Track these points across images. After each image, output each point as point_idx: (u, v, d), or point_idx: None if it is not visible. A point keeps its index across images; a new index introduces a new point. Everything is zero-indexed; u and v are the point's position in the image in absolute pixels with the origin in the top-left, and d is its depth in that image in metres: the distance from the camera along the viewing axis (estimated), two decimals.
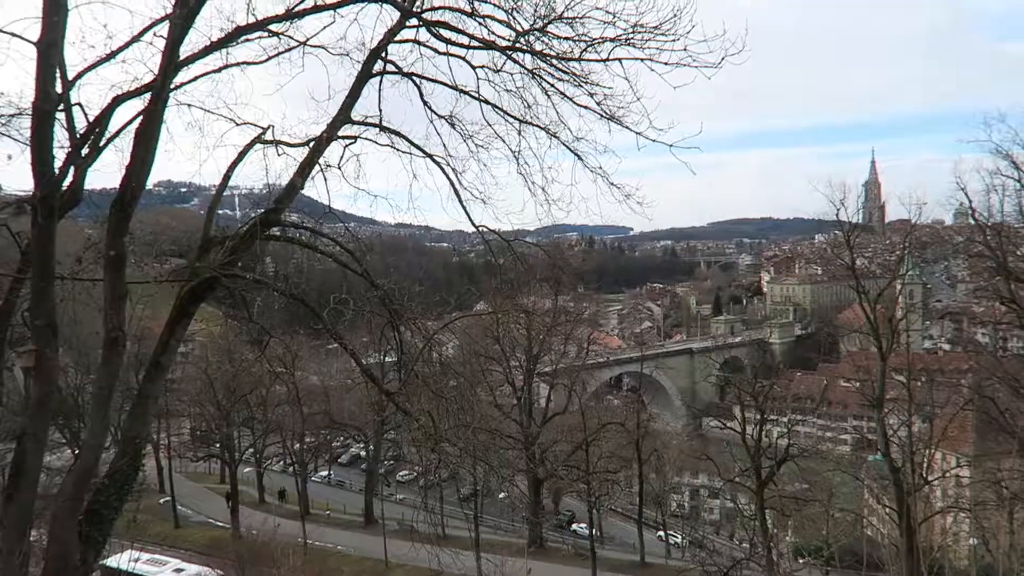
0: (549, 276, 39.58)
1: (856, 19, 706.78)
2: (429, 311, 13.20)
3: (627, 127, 9.58)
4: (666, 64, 8.86)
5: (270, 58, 10.21)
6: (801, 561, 54.15)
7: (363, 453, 77.53)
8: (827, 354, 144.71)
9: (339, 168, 10.56)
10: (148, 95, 9.04)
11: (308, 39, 10.16)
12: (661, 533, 62.94)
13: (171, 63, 8.72)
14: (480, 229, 11.61)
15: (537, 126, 10.33)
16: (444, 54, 9.96)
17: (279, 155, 10.44)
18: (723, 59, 8.54)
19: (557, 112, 10.19)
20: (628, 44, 8.91)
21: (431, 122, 10.70)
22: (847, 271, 40.09)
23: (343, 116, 10.14)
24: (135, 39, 9.31)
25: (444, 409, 11.62)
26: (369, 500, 61.13)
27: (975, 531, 43.06)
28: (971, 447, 55.49)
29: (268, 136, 10.52)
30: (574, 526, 67.38)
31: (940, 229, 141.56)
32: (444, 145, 10.75)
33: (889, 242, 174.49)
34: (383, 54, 10.07)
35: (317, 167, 10.25)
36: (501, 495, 65.96)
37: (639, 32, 8.76)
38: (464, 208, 11.12)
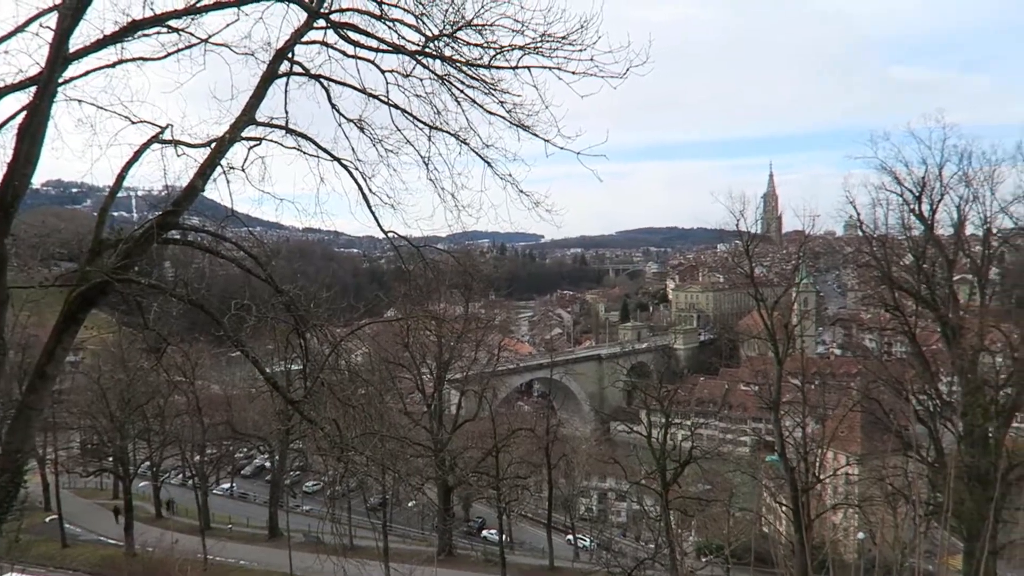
0: (460, 283, 39.55)
1: (761, 40, 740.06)
2: (336, 318, 12.95)
3: (536, 134, 9.71)
4: (573, 73, 9.04)
5: (169, 55, 9.82)
6: (703, 560, 55.86)
7: (268, 464, 75.32)
8: (728, 359, 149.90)
9: (243, 170, 10.23)
10: (33, 88, 8.55)
11: (210, 36, 9.83)
12: (570, 537, 63.70)
13: (59, 56, 8.28)
14: (389, 235, 11.48)
15: (447, 132, 10.34)
16: (352, 57, 9.83)
17: (179, 155, 10.03)
18: (628, 70, 8.79)
19: (467, 119, 10.23)
20: (537, 52, 9.05)
21: (339, 125, 10.54)
22: (746, 279, 41.73)
23: (247, 117, 9.85)
24: (19, 29, 8.79)
25: (351, 417, 11.42)
26: (274, 512, 59.38)
27: (862, 526, 45.33)
28: (859, 446, 58.65)
29: (167, 135, 10.09)
30: (484, 532, 67.39)
31: (832, 240, 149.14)
32: (353, 149, 10.61)
33: (786, 252, 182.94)
34: (289, 55, 9.84)
35: (219, 169, 9.91)
36: (411, 503, 65.34)
37: (547, 41, 8.90)
38: (373, 213, 10.99)
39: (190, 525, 57.11)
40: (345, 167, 10.67)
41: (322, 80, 10.10)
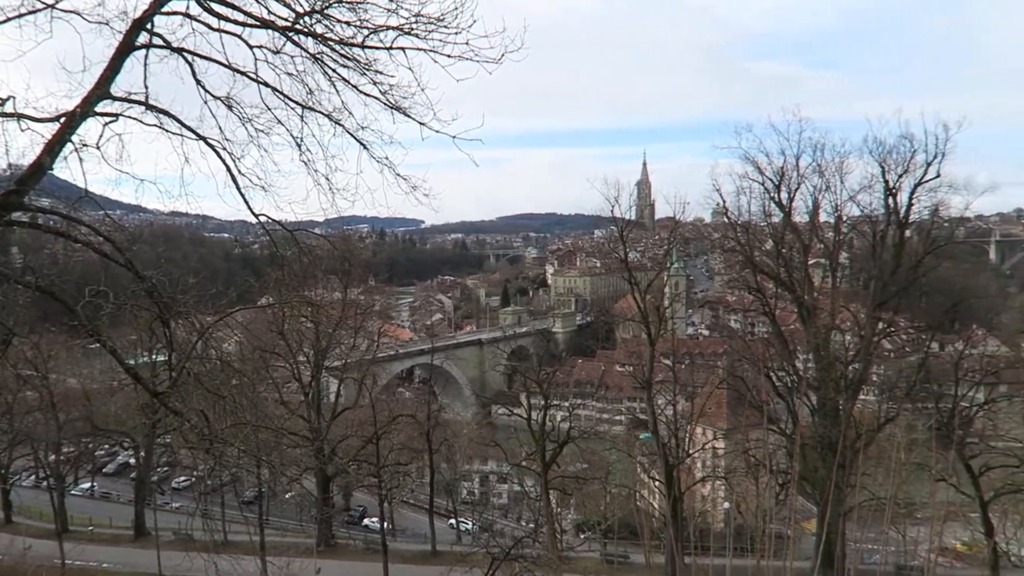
0: (338, 268, 38.69)
1: (635, 33, 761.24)
2: (205, 305, 12.31)
3: (411, 117, 9.56)
4: (449, 56, 8.96)
5: (9, 19, 8.98)
6: (582, 536, 57.61)
7: (132, 460, 71.26)
8: (605, 341, 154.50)
9: (98, 148, 9.51)
10: None
11: (57, 1, 9.06)
12: (452, 521, 64.05)
13: None
14: (261, 218, 10.99)
15: (320, 112, 10.00)
16: (218, 31, 9.31)
17: (23, 130, 9.20)
18: (503, 55, 8.80)
19: (341, 99, 9.93)
20: (411, 34, 8.89)
21: (206, 103, 9.96)
22: (621, 264, 43.09)
23: (101, 91, 9.15)
24: None
25: (222, 408, 10.94)
26: (140, 511, 56.33)
27: (728, 496, 47.98)
28: (725, 421, 62.01)
29: (8, 108, 9.24)
30: (366, 521, 66.66)
31: (701, 226, 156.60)
32: (220, 128, 10.05)
33: (658, 238, 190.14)
34: (148, 25, 9.21)
35: (70, 146, 9.18)
36: (288, 495, 63.63)
37: (422, 22, 8.78)
38: (242, 195, 10.49)
39: (45, 529, 53.29)
40: (212, 147, 10.11)
41: (185, 54, 9.52)
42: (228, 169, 10.26)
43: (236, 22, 9.20)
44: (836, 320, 40.09)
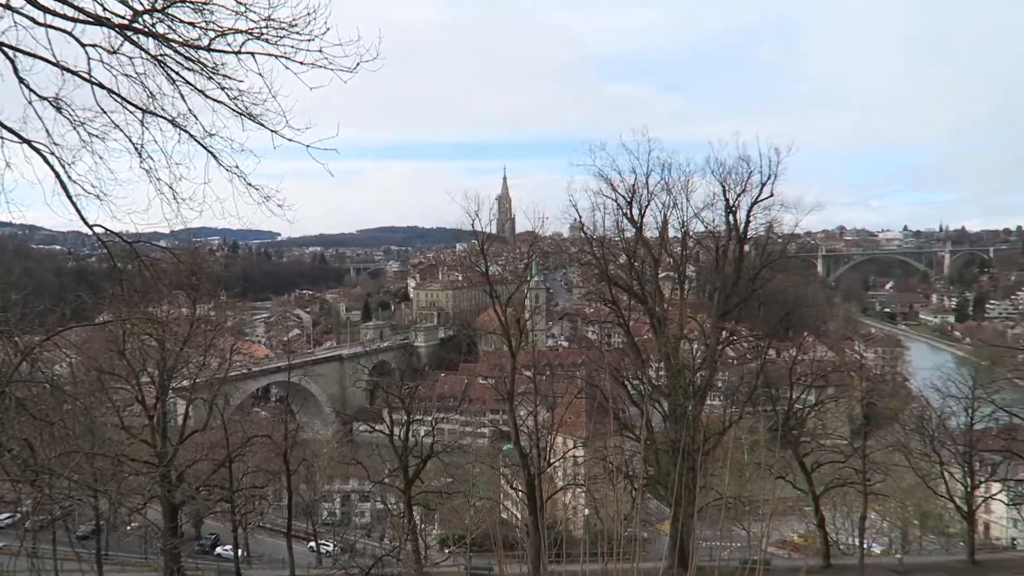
0: (185, 283, 36.61)
1: (495, 49, 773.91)
2: (31, 323, 11.23)
3: (263, 124, 9.15)
4: (302, 63, 8.67)
5: None
6: (446, 551, 57.31)
7: None
8: (467, 354, 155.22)
9: None
10: None
11: None
12: (312, 544, 61.87)
13: None
14: (96, 229, 10.17)
15: (163, 117, 9.38)
16: (44, 25, 8.56)
17: None
18: (358, 64, 8.63)
19: (187, 104, 9.36)
20: (261, 39, 8.54)
21: (30, 103, 9.10)
22: (482, 277, 43.42)
23: None
24: None
25: (50, 436, 10.00)
26: None
27: (588, 503, 49.27)
28: (585, 430, 63.73)
29: None
30: (219, 549, 63.15)
31: (559, 240, 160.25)
32: (47, 131, 9.21)
33: (519, 251, 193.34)
34: None
35: None
36: (130, 527, 59.32)
37: (272, 27, 8.45)
38: (74, 204, 9.65)
39: None
40: (37, 151, 9.26)
41: (5, 49, 8.68)
42: (57, 176, 9.43)
43: (66, 17, 8.47)
44: (684, 330, 42.22)
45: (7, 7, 8.41)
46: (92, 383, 33.54)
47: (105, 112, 9.24)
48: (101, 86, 9.08)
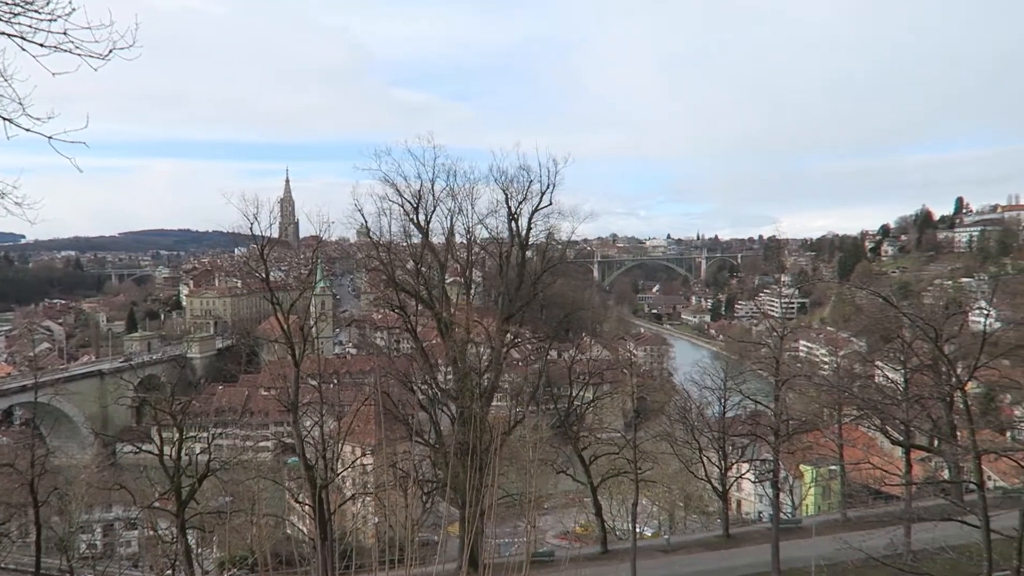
0: None
1: (275, 48, 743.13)
2: None
3: None
4: (42, 46, 7.67)
5: None
6: (226, 573, 53.87)
7: None
8: (248, 365, 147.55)
9: None
10: None
11: None
12: None
13: None
14: None
15: None
16: None
17: None
18: (111, 51, 7.77)
19: None
20: None
21: None
22: (263, 283, 41.43)
23: None
24: None
25: None
26: None
27: (379, 511, 48.69)
28: (374, 437, 62.94)
29: None
30: None
31: (346, 245, 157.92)
32: None
33: (303, 256, 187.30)
34: None
35: None
36: None
37: (4, 2, 7.41)
38: None
39: None
40: None
41: None
42: None
43: None
44: (471, 334, 43.10)
45: None
46: None
47: None
48: None
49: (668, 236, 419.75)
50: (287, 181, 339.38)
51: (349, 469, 51.20)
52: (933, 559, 33.96)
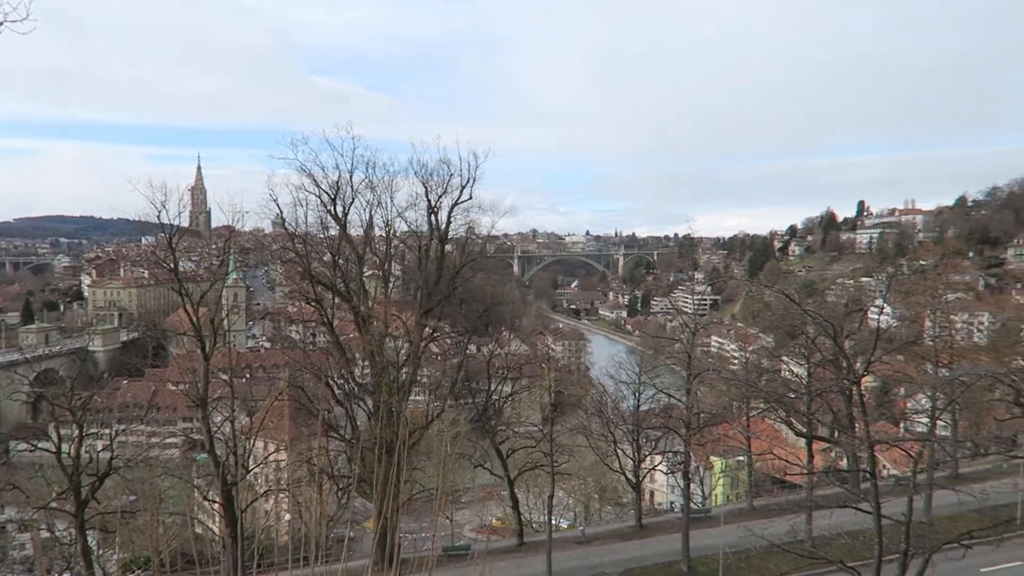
0: None
1: (186, 24, 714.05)
2: None
3: None
4: None
5: None
6: None
7: None
8: (155, 359, 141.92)
9: None
10: None
11: None
12: None
13: None
14: None
15: None
16: None
17: None
18: (2, 24, 7.30)
19: None
20: None
21: None
22: (171, 274, 39.93)
23: None
24: None
25: None
26: None
27: (292, 507, 47.73)
28: (288, 433, 61.67)
29: None
30: None
31: (261, 236, 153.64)
32: None
33: (215, 247, 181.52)
34: None
35: None
36: None
37: None
38: None
39: None
40: None
41: None
42: None
43: None
44: (389, 328, 42.71)
45: None
46: None
47: None
48: None
49: (587, 233, 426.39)
50: (199, 168, 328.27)
51: (262, 465, 50.00)
52: (831, 544, 35.74)
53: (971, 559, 29.09)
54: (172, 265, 38.52)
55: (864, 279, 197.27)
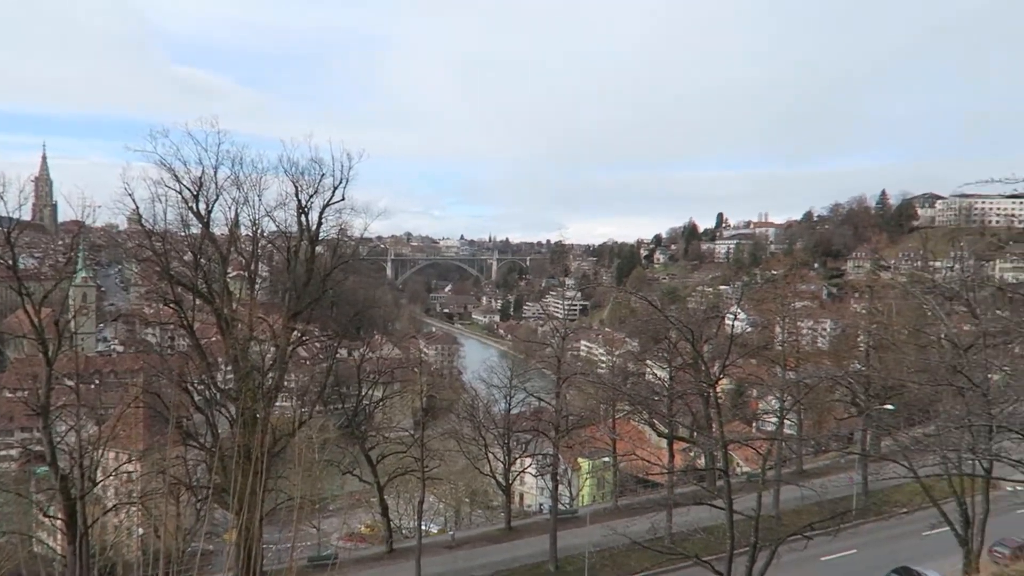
0: None
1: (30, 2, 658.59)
2: None
3: None
4: None
5: None
6: None
7: None
8: None
9: None
10: None
11: None
12: None
13: None
14: None
15: None
16: None
17: None
18: None
19: None
20: None
21: None
22: (9, 271, 36.72)
23: None
24: None
25: None
26: None
27: (145, 521, 45.06)
28: (141, 442, 58.07)
29: None
30: None
31: (114, 233, 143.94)
32: None
33: (62, 243, 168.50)
34: None
35: None
36: None
37: None
38: None
39: None
40: None
41: None
42: None
43: None
44: (254, 331, 41.14)
45: None
46: None
47: None
48: None
49: (461, 237, 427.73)
50: (44, 158, 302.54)
51: (111, 477, 46.87)
52: (688, 539, 37.59)
53: (812, 549, 31.41)
54: (11, 262, 35.44)
55: (722, 287, 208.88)
